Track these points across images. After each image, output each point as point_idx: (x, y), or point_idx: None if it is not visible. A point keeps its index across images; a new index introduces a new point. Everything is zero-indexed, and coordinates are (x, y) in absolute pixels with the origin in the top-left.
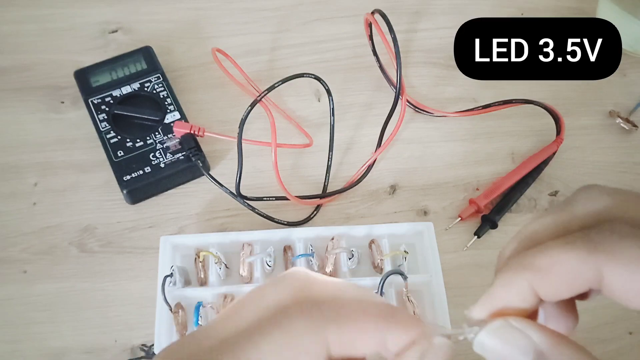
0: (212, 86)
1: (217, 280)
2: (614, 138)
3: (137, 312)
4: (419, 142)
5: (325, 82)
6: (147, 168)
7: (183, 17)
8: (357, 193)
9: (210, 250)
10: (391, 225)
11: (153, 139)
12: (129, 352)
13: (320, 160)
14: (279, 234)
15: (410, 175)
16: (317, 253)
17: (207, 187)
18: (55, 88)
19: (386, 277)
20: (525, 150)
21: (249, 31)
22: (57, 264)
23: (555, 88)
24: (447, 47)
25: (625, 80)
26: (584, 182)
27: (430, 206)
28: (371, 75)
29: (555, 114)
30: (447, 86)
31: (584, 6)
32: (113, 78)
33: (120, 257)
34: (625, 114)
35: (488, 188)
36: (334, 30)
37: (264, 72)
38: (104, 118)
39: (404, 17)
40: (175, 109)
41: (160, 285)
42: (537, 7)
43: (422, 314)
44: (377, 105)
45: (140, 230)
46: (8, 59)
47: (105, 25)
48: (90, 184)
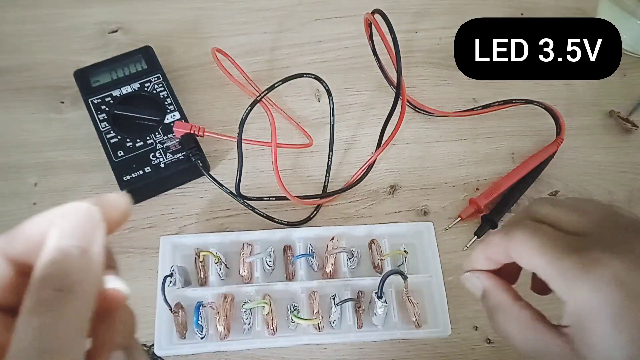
0: (212, 86)
1: (217, 280)
2: (614, 138)
3: (137, 312)
4: (419, 142)
5: (325, 82)
6: (147, 168)
7: (183, 17)
8: (357, 193)
9: (210, 250)
10: (391, 225)
11: (153, 139)
12: None
13: (320, 160)
14: (279, 234)
15: (410, 175)
16: (317, 253)
17: (207, 187)
18: (55, 88)
19: (386, 277)
20: (525, 150)
21: (249, 31)
22: None
23: (555, 88)
24: (447, 47)
25: (625, 80)
26: (584, 182)
27: (430, 206)
28: (371, 75)
29: (555, 114)
30: (447, 86)
31: (584, 6)
32: (113, 78)
33: (120, 257)
34: (625, 114)
35: (488, 188)
36: (334, 30)
37: (264, 72)
38: (104, 118)
39: (404, 17)
40: (175, 109)
41: (160, 285)
42: (537, 7)
43: (422, 314)
44: (377, 105)
45: (140, 230)
46: (8, 59)
47: (105, 25)
48: (90, 184)
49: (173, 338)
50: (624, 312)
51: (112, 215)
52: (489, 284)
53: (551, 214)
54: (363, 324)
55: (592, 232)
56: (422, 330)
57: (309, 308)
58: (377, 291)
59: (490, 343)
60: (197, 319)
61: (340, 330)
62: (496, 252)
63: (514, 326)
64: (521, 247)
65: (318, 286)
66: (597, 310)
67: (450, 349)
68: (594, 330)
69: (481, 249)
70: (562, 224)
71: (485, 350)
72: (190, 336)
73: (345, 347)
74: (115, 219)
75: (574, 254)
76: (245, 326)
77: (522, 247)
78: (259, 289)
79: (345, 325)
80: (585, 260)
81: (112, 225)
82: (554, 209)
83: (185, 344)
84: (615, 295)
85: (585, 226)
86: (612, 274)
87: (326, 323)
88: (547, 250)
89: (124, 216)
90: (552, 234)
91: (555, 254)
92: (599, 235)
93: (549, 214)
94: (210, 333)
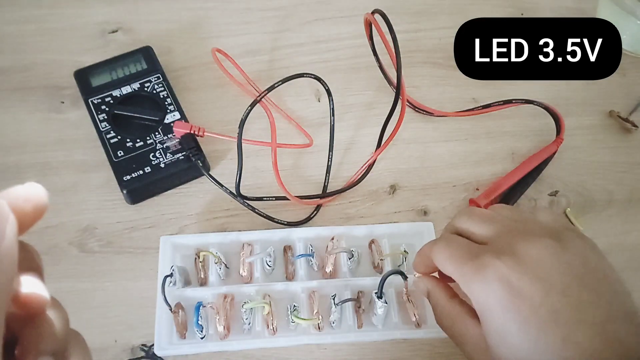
0: (212, 86)
1: (217, 280)
2: (614, 138)
3: (137, 312)
4: (419, 142)
5: (325, 82)
6: (147, 168)
7: (183, 17)
8: (357, 193)
9: (210, 250)
10: (391, 225)
11: (153, 139)
12: (129, 352)
13: (320, 160)
14: (279, 234)
15: (410, 175)
16: (317, 253)
17: (207, 187)
18: (55, 88)
19: (386, 277)
20: (525, 150)
21: (249, 31)
22: (57, 264)
23: (555, 88)
24: (447, 47)
25: (625, 80)
26: (584, 182)
27: (430, 206)
28: (371, 75)
29: (555, 114)
30: (447, 86)
31: (584, 6)
32: (113, 78)
33: (120, 257)
34: (625, 114)
35: (488, 188)
36: (334, 30)
37: (264, 72)
38: (104, 118)
39: (404, 17)
40: (175, 109)
41: (160, 285)
42: (537, 7)
43: (422, 314)
44: (377, 105)
45: (140, 230)
46: (8, 59)
47: (105, 25)
48: (90, 184)
49: (173, 338)
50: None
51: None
52: (430, 285)
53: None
54: (363, 324)
55: (493, 240)
56: (422, 330)
57: (309, 308)
58: (377, 291)
59: None
60: (197, 319)
61: (340, 330)
62: (426, 260)
63: (447, 320)
64: (438, 257)
65: (318, 286)
66: (488, 305)
67: (450, 349)
68: (489, 321)
69: (417, 258)
70: (473, 235)
71: None
72: (190, 336)
73: (345, 347)
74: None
75: (471, 261)
76: (245, 326)
77: (438, 257)
78: (259, 289)
79: (345, 325)
80: (479, 265)
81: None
82: (469, 220)
83: (185, 344)
84: (500, 292)
85: (490, 235)
86: (497, 275)
87: (326, 323)
88: (455, 258)
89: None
90: (460, 245)
91: (460, 261)
92: (496, 242)
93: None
94: (210, 333)
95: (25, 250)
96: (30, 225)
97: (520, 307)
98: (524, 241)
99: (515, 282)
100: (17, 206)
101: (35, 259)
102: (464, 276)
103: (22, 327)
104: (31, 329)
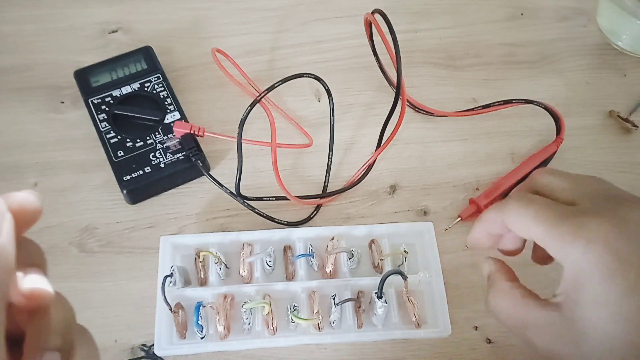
0: (212, 86)
1: (217, 280)
2: (614, 138)
3: (137, 312)
4: (419, 142)
5: (325, 82)
6: (147, 168)
7: (183, 17)
8: (357, 193)
9: (210, 250)
10: (391, 225)
11: (153, 139)
12: (129, 352)
13: (320, 160)
14: (279, 234)
15: (410, 175)
16: (317, 253)
17: (207, 187)
18: (55, 88)
19: (386, 277)
20: (525, 150)
21: (249, 31)
22: (57, 264)
23: (556, 88)
24: (447, 47)
25: (625, 80)
26: None
27: (430, 206)
28: (371, 75)
29: (555, 114)
30: (447, 86)
31: (584, 6)
32: (113, 78)
33: (120, 257)
34: (625, 114)
35: (488, 188)
36: (334, 30)
37: (263, 72)
38: (104, 118)
39: (404, 17)
40: (175, 109)
41: (160, 285)
42: (537, 7)
43: (422, 314)
44: (377, 105)
45: (140, 230)
46: (8, 59)
47: (105, 25)
48: (90, 184)
49: (173, 338)
50: (613, 271)
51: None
52: (495, 267)
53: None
54: (363, 324)
55: (583, 201)
56: (422, 330)
57: (309, 308)
58: (377, 291)
59: (490, 343)
60: (197, 319)
61: (340, 330)
62: (493, 226)
63: (504, 302)
64: (516, 218)
65: (318, 286)
66: (589, 270)
67: (450, 348)
68: (586, 288)
69: (479, 225)
70: (556, 194)
71: (485, 350)
72: (190, 336)
73: (345, 347)
74: (25, 217)
75: (567, 220)
76: (245, 326)
77: (517, 218)
78: (259, 289)
79: (345, 325)
80: (578, 226)
81: (23, 224)
82: (551, 177)
83: (185, 344)
84: (605, 256)
85: (578, 196)
86: (601, 237)
87: (326, 323)
88: (543, 219)
89: (35, 214)
90: (546, 204)
91: (550, 222)
92: (590, 203)
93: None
94: (210, 333)
95: (29, 247)
96: (25, 228)
97: (627, 274)
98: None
99: (622, 246)
100: (12, 208)
101: (39, 255)
102: (557, 238)
103: (28, 323)
104: (36, 324)
